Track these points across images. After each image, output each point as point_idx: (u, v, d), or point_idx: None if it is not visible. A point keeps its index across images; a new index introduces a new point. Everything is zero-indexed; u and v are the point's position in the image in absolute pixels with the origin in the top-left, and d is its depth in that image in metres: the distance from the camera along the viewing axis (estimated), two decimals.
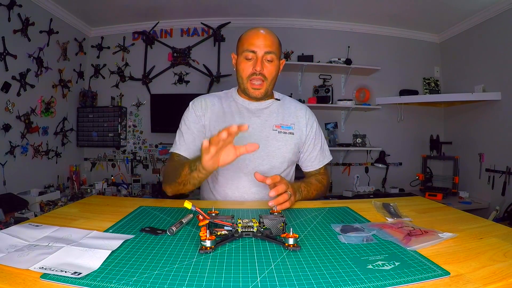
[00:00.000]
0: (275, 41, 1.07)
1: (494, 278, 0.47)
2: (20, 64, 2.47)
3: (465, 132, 3.08)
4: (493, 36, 2.71)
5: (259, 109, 1.14)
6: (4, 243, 0.57)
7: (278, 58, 1.09)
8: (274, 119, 1.14)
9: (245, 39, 1.07)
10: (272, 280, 0.47)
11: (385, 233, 0.67)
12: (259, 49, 1.03)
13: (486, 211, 2.63)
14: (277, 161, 1.11)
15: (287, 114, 1.17)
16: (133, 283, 0.45)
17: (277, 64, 1.08)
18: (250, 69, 1.05)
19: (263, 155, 1.09)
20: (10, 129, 2.37)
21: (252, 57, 1.05)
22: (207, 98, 1.16)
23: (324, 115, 3.24)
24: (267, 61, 1.05)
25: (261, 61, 1.04)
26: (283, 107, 1.18)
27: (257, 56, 1.04)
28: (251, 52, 1.04)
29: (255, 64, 1.04)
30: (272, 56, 1.05)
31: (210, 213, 0.71)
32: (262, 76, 1.06)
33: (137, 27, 3.31)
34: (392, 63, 3.32)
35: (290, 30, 3.24)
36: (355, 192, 3.22)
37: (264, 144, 1.09)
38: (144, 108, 3.36)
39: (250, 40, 1.05)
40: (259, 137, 1.10)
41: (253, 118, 1.12)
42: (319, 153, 1.21)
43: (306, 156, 1.20)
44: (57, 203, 2.52)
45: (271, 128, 1.12)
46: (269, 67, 1.06)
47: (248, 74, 1.06)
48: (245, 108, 1.14)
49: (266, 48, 1.04)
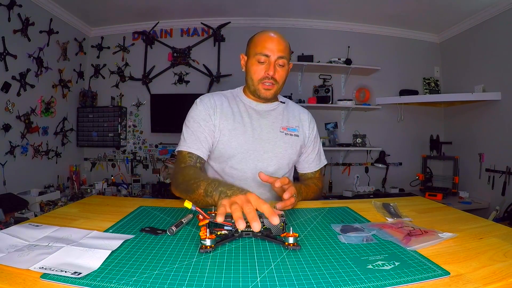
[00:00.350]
0: (287, 45, 1.08)
1: (494, 278, 0.47)
2: (20, 64, 2.47)
3: (465, 132, 3.08)
4: (493, 36, 2.71)
5: (266, 110, 1.15)
6: (4, 243, 0.57)
7: (288, 62, 1.10)
8: (280, 121, 1.15)
9: (259, 41, 1.06)
10: (272, 280, 0.47)
11: (385, 233, 0.67)
12: (272, 54, 1.04)
13: (486, 211, 2.63)
14: (284, 162, 1.13)
15: (291, 116, 1.19)
16: (133, 283, 0.45)
17: (287, 68, 1.10)
18: (263, 72, 1.06)
19: (272, 156, 1.11)
20: (10, 129, 2.37)
21: (265, 60, 1.05)
22: (215, 97, 1.14)
23: (324, 115, 3.24)
24: (279, 66, 1.06)
25: (274, 66, 1.04)
26: (288, 110, 1.20)
27: (270, 61, 1.04)
28: (264, 55, 1.04)
29: (267, 68, 1.05)
30: (284, 61, 1.06)
31: (211, 213, 0.71)
32: (274, 80, 1.06)
33: (137, 27, 3.32)
34: (392, 63, 3.33)
35: (290, 30, 3.24)
36: (355, 192, 3.22)
37: (273, 145, 1.11)
38: (144, 108, 3.36)
39: (263, 44, 1.05)
40: (268, 138, 1.11)
41: (261, 120, 1.13)
42: (317, 156, 1.24)
43: (305, 157, 1.23)
44: (57, 203, 2.52)
45: (278, 129, 1.14)
46: (281, 71, 1.07)
47: (260, 78, 1.07)
48: (252, 109, 1.15)
49: (280, 53, 1.04)
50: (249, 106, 1.15)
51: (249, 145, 1.08)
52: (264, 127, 1.12)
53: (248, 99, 1.16)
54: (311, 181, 1.18)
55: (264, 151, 1.10)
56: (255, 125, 1.11)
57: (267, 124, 1.13)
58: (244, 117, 1.12)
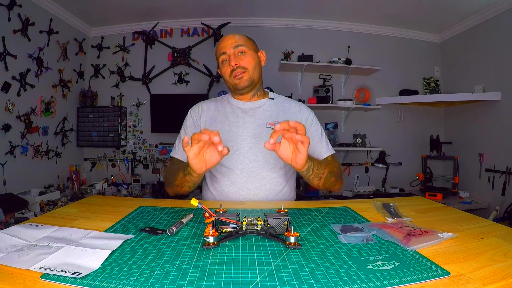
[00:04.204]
0: (241, 37, 1.14)
1: (494, 278, 0.47)
2: (20, 64, 2.47)
3: (465, 132, 3.08)
4: (493, 36, 2.71)
5: (253, 108, 1.18)
6: (4, 243, 0.57)
7: (252, 49, 1.14)
8: (268, 117, 1.16)
9: (217, 49, 1.15)
10: (272, 280, 0.47)
11: (385, 233, 0.67)
12: (227, 48, 1.10)
13: (486, 211, 2.63)
14: (271, 157, 1.11)
15: (281, 111, 1.18)
16: (133, 283, 0.45)
17: (252, 54, 1.13)
18: (229, 68, 1.11)
19: (257, 151, 1.11)
20: (10, 129, 2.37)
21: (225, 57, 1.11)
22: (204, 104, 1.23)
23: (324, 115, 3.24)
24: (239, 54, 1.11)
25: (234, 56, 1.10)
26: (277, 105, 1.20)
27: (229, 54, 1.10)
28: (223, 54, 1.11)
29: (229, 62, 1.10)
30: (242, 48, 1.11)
31: (218, 211, 0.72)
32: (241, 68, 1.10)
33: (137, 27, 3.31)
34: (392, 63, 3.33)
35: (290, 30, 3.23)
36: (355, 192, 3.22)
37: (257, 141, 1.12)
38: (144, 108, 3.36)
39: (219, 46, 1.13)
40: (252, 134, 1.12)
41: (247, 117, 1.16)
42: (319, 144, 1.16)
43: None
44: (57, 203, 2.52)
45: (264, 125, 1.14)
46: (243, 58, 1.11)
47: (229, 73, 1.12)
48: (239, 109, 1.18)
49: (233, 44, 1.10)
50: (235, 106, 1.19)
51: (233, 142, 1.11)
52: (250, 125, 1.14)
53: (235, 100, 1.20)
54: (325, 160, 1.13)
55: (249, 147, 1.11)
56: (241, 123, 1.14)
57: (253, 121, 1.15)
58: (230, 117, 1.16)
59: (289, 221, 0.67)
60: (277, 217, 0.69)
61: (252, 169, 1.11)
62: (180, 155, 1.16)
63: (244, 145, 1.11)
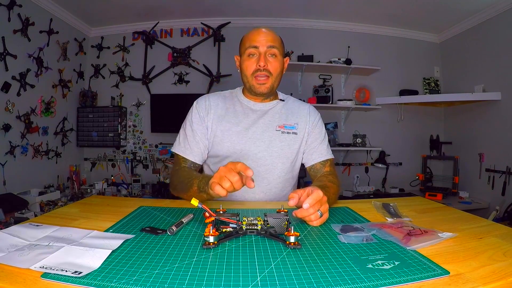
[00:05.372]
0: (276, 37, 1.08)
1: (494, 278, 0.47)
2: (20, 64, 2.47)
3: (465, 132, 3.08)
4: (493, 36, 2.71)
5: (264, 110, 1.14)
6: (4, 243, 0.57)
7: (282, 54, 1.09)
8: (278, 119, 1.13)
9: (247, 38, 1.07)
10: (272, 279, 0.47)
11: (385, 232, 0.67)
12: (261, 45, 1.03)
13: (486, 211, 2.63)
14: (279, 161, 1.11)
15: (290, 114, 1.16)
16: (133, 282, 0.45)
17: (280, 60, 1.08)
18: (254, 65, 1.04)
19: (266, 155, 1.09)
20: (10, 129, 2.37)
21: (255, 52, 1.04)
22: (211, 98, 1.15)
23: (324, 115, 3.17)
24: (270, 56, 1.05)
25: (264, 56, 1.03)
26: (287, 107, 1.18)
27: (260, 52, 1.04)
28: (254, 47, 1.04)
29: (258, 60, 1.03)
30: (275, 51, 1.05)
31: (218, 211, 0.72)
32: (267, 71, 1.04)
33: (137, 27, 3.32)
34: (392, 63, 3.33)
35: (290, 30, 3.24)
36: (355, 192, 3.22)
37: (267, 145, 1.09)
38: (144, 108, 3.36)
39: (252, 37, 1.05)
40: (263, 137, 1.10)
41: (257, 119, 1.12)
42: (321, 145, 1.16)
43: (307, 147, 1.16)
44: (57, 203, 2.52)
45: (274, 128, 1.12)
46: (273, 62, 1.05)
47: (253, 71, 1.05)
48: (249, 109, 1.13)
49: (268, 43, 1.04)
50: (246, 106, 1.14)
51: (242, 145, 1.08)
52: (260, 127, 1.10)
53: (246, 99, 1.15)
54: (325, 178, 1.04)
55: (258, 150, 1.08)
56: (251, 124, 1.10)
57: (263, 124, 1.11)
58: (240, 117, 1.11)
59: (289, 221, 0.67)
60: (277, 217, 0.69)
61: (260, 173, 1.07)
62: (188, 154, 1.09)
63: (253, 148, 1.08)
